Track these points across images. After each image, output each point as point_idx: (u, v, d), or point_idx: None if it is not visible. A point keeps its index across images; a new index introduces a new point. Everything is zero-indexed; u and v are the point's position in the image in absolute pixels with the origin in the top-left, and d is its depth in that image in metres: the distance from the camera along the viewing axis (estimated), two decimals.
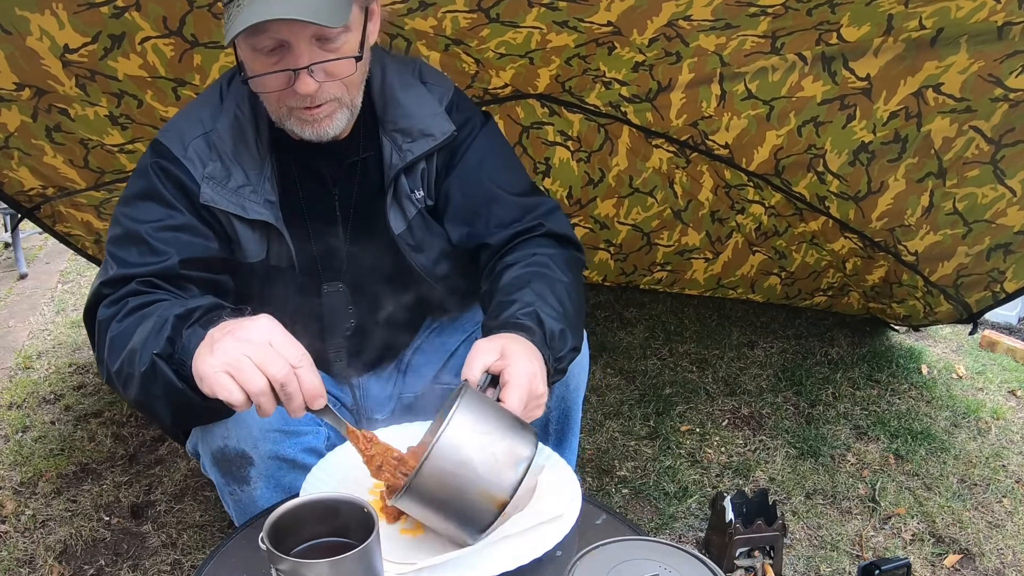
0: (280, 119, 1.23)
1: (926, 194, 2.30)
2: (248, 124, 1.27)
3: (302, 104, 1.18)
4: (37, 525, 2.03)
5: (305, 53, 1.13)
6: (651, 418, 2.51)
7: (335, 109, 1.21)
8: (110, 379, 1.13)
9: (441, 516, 0.95)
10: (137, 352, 1.06)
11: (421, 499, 0.93)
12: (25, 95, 1.95)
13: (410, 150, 1.32)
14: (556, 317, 1.16)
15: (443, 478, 0.91)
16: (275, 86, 1.17)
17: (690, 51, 2.05)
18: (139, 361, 1.05)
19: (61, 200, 2.50)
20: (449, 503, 0.93)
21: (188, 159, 1.24)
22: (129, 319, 1.12)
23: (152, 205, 1.23)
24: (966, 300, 2.66)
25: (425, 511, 0.95)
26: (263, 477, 1.21)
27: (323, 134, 1.22)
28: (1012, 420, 2.58)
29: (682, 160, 2.64)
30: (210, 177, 1.24)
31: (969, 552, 1.97)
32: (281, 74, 1.15)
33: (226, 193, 1.25)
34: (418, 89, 1.35)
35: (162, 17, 1.75)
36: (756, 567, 1.82)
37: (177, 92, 2.01)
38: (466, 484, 0.92)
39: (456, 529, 0.96)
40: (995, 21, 1.77)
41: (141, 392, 1.07)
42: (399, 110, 1.33)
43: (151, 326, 1.07)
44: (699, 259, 3.11)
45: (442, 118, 1.34)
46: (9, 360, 2.97)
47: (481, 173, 1.36)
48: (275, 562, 0.83)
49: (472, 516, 0.94)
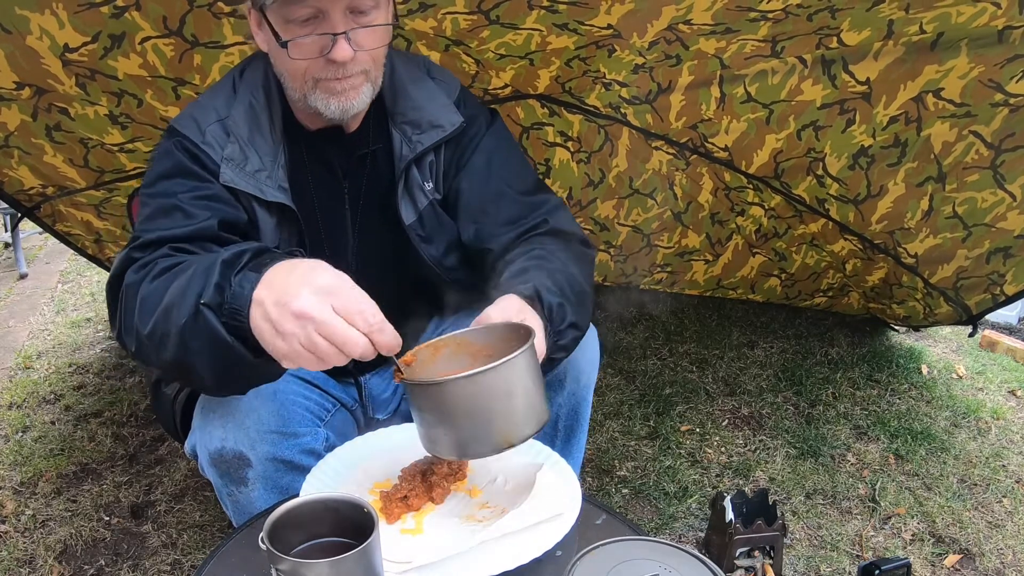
0: (305, 94, 1.22)
1: (926, 198, 2.31)
2: (263, 111, 1.27)
3: (333, 74, 1.19)
4: (37, 525, 2.03)
5: (341, 22, 1.14)
6: (651, 418, 2.51)
7: (362, 82, 1.22)
8: (140, 348, 1.08)
9: (450, 420, 0.95)
10: (175, 306, 1.01)
11: (447, 398, 0.94)
12: (25, 94, 1.95)
13: (420, 141, 1.33)
14: (554, 292, 1.17)
15: (482, 395, 0.93)
16: (309, 53, 1.17)
17: (690, 54, 2.05)
18: (177, 315, 1.00)
19: (61, 199, 2.51)
20: (470, 415, 0.94)
21: (207, 143, 1.24)
22: (161, 278, 1.08)
23: (181, 180, 1.22)
24: (966, 302, 2.66)
25: (438, 407, 0.95)
26: (261, 479, 1.20)
27: (348, 108, 1.22)
28: (1012, 420, 2.58)
29: (682, 162, 2.64)
30: (229, 159, 1.24)
31: (969, 552, 1.97)
32: (316, 41, 1.15)
33: (245, 176, 1.24)
34: (427, 82, 1.37)
35: (162, 17, 1.75)
36: (756, 567, 1.82)
37: (177, 92, 2.01)
38: (494, 413, 0.95)
39: (448, 439, 0.97)
40: (995, 26, 1.78)
41: (179, 350, 1.01)
42: (409, 102, 1.34)
43: (191, 275, 1.02)
44: (699, 261, 3.11)
45: (451, 110, 1.36)
46: (9, 360, 2.97)
47: (490, 171, 1.38)
48: (275, 562, 0.83)
49: (476, 440, 0.96)
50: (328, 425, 1.31)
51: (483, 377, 0.92)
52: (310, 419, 1.26)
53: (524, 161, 1.47)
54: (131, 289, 1.10)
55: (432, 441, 1.00)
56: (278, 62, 1.23)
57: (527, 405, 0.97)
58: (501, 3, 1.81)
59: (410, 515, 1.07)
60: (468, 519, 1.07)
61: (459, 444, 0.97)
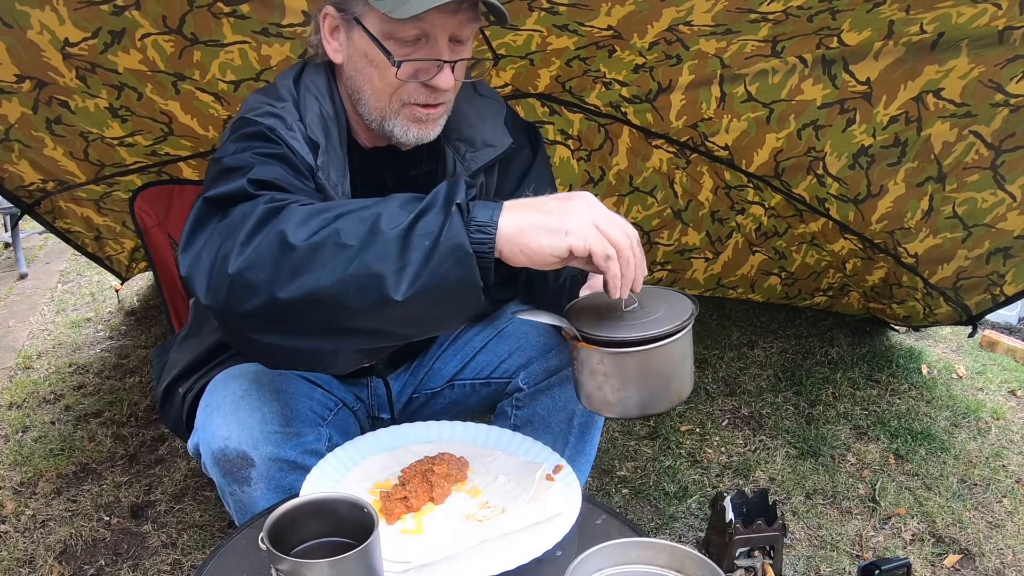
0: (385, 116, 1.19)
1: (926, 198, 2.31)
2: (332, 123, 1.22)
3: (425, 100, 1.16)
4: (37, 525, 2.03)
5: (446, 50, 1.13)
6: (651, 418, 2.51)
7: (443, 113, 1.21)
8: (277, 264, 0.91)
9: (641, 381, 1.03)
10: (371, 219, 0.91)
11: (648, 360, 1.01)
12: (26, 87, 1.95)
13: (474, 160, 1.31)
14: None
15: (673, 357, 1.03)
16: (406, 75, 1.14)
17: (690, 54, 2.05)
18: (388, 224, 0.90)
19: (61, 195, 2.51)
20: (660, 375, 1.03)
21: (297, 140, 1.15)
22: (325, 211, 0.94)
23: (283, 167, 1.09)
24: (965, 302, 2.67)
25: (632, 369, 1.02)
26: (263, 478, 1.20)
27: (425, 137, 1.21)
28: (1012, 420, 2.58)
29: (682, 160, 2.64)
30: (321, 167, 1.17)
31: (969, 552, 1.97)
32: (417, 64, 1.13)
33: (329, 188, 1.18)
34: (477, 100, 1.35)
35: (162, 16, 1.75)
36: (756, 567, 1.83)
37: (177, 86, 2.01)
38: (674, 373, 1.05)
39: (635, 398, 1.04)
40: (996, 26, 1.78)
41: (359, 263, 0.89)
42: (463, 120, 1.32)
43: (394, 202, 0.94)
44: (699, 259, 3.11)
45: (502, 130, 1.34)
46: (9, 360, 2.97)
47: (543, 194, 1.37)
48: (275, 562, 0.83)
49: (657, 397, 1.05)
50: (331, 425, 1.31)
51: (674, 344, 1.01)
52: (313, 419, 1.26)
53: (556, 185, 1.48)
54: (271, 212, 0.95)
55: (612, 403, 1.05)
56: (361, 78, 1.18)
57: (691, 366, 1.08)
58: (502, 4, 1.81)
59: (410, 515, 1.07)
60: (468, 519, 1.07)
61: (644, 403, 1.04)
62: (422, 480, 1.11)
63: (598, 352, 1.02)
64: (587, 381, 1.05)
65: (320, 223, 0.93)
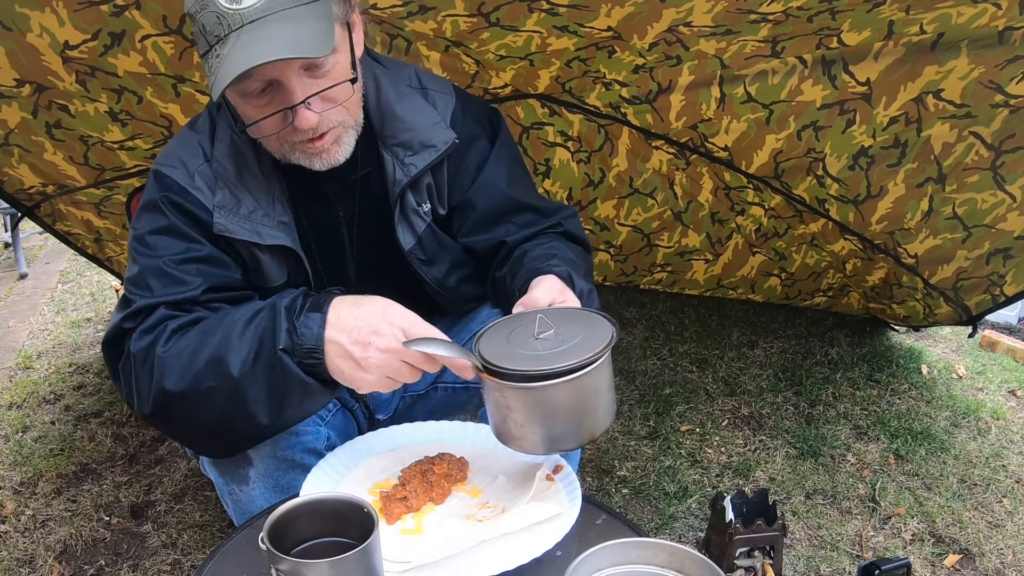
0: (285, 156, 1.19)
1: (926, 199, 2.31)
2: (246, 147, 1.22)
3: (305, 138, 1.15)
4: (37, 525, 2.03)
5: (297, 87, 1.09)
6: (651, 418, 2.51)
7: (340, 134, 1.19)
8: (164, 409, 1.08)
9: (543, 418, 0.97)
10: (222, 360, 1.04)
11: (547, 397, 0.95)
12: (25, 91, 1.95)
13: (413, 163, 1.29)
14: (582, 279, 1.19)
15: (580, 394, 0.96)
16: (274, 128, 1.14)
17: (690, 55, 2.06)
18: (230, 367, 1.03)
19: (61, 198, 2.51)
20: (567, 413, 0.97)
21: (196, 188, 1.20)
22: (183, 338, 1.08)
23: (169, 239, 1.18)
24: (965, 303, 2.67)
25: (533, 406, 0.96)
26: (262, 477, 1.20)
27: (334, 161, 1.19)
28: (1012, 420, 2.58)
29: (682, 162, 2.64)
30: (220, 206, 1.20)
31: (969, 552, 1.97)
32: (279, 115, 1.11)
33: (239, 220, 1.20)
34: (415, 99, 1.33)
35: (162, 16, 1.75)
36: (756, 567, 1.83)
37: (177, 89, 2.01)
38: (586, 409, 0.97)
39: (538, 435, 0.98)
40: (996, 27, 1.78)
41: (231, 403, 1.04)
42: (398, 123, 1.29)
43: (238, 328, 1.05)
44: (699, 260, 3.11)
45: (442, 127, 1.31)
46: (9, 360, 2.97)
47: (505, 184, 1.37)
48: (275, 562, 0.83)
49: (565, 435, 0.98)
50: (329, 424, 1.31)
51: (583, 379, 0.94)
52: (312, 418, 1.26)
53: (526, 169, 1.48)
54: (141, 355, 1.09)
55: (516, 438, 1.00)
56: (252, 133, 1.18)
57: (609, 399, 1.01)
58: (501, 6, 1.81)
59: (410, 515, 1.07)
60: (468, 519, 1.07)
61: (549, 440, 0.98)
62: (422, 480, 1.11)
63: (499, 384, 0.96)
64: (493, 413, 1.00)
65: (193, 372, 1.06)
